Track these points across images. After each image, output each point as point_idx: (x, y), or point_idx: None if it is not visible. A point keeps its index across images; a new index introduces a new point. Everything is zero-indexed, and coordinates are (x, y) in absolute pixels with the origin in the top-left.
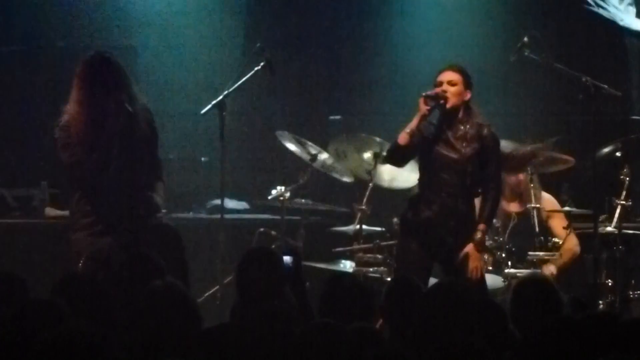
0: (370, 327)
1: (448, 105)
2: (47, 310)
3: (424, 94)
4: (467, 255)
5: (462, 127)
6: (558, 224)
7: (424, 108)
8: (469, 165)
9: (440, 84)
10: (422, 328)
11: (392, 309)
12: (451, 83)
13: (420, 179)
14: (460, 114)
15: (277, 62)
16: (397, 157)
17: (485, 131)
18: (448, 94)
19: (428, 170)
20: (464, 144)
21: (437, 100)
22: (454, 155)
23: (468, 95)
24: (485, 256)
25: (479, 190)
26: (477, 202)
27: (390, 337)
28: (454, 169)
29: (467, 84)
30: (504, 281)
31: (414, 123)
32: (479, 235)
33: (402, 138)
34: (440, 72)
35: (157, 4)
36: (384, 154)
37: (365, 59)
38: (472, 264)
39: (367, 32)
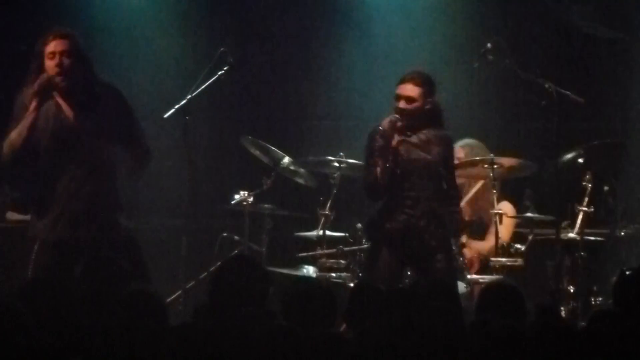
0: (333, 332)
1: (406, 123)
2: (5, 315)
3: (379, 130)
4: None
5: (425, 131)
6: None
7: (392, 140)
8: (440, 167)
9: (399, 98)
10: (385, 332)
11: (356, 313)
12: (409, 100)
13: (392, 187)
14: (423, 119)
15: (241, 66)
16: (382, 193)
17: (445, 135)
18: (404, 114)
19: (403, 176)
20: (431, 147)
21: (394, 126)
22: (426, 157)
23: (429, 105)
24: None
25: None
26: None
27: (354, 342)
28: (427, 172)
29: (429, 94)
30: (466, 287)
31: (390, 159)
32: None
33: (382, 176)
34: (401, 81)
35: (119, 9)
36: (367, 194)
37: (330, 65)
38: None
39: (332, 38)
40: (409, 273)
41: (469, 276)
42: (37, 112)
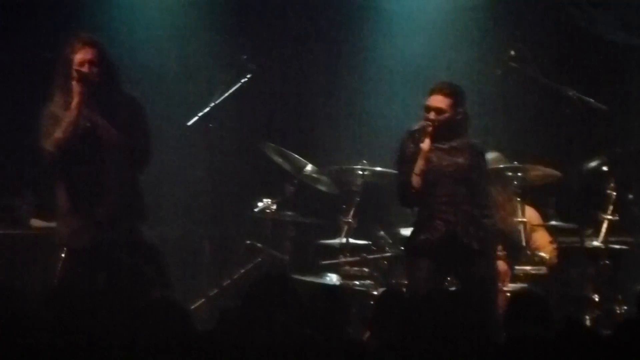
0: (357, 340)
1: (435, 132)
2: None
3: (411, 135)
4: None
5: (455, 140)
6: (541, 237)
7: (422, 145)
8: (471, 173)
9: (428, 109)
10: (410, 340)
11: (381, 321)
12: (439, 111)
13: (425, 195)
14: (453, 129)
15: (264, 74)
16: (415, 199)
17: (471, 145)
18: (434, 124)
19: (436, 183)
20: (461, 154)
21: (425, 131)
22: (457, 162)
23: (459, 116)
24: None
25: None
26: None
27: (378, 350)
28: (460, 177)
29: (459, 104)
30: None
31: (421, 163)
32: None
33: (416, 181)
34: (430, 93)
35: (141, 18)
36: (400, 200)
37: (351, 71)
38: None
39: (352, 45)
40: (450, 281)
41: None
42: (79, 110)
